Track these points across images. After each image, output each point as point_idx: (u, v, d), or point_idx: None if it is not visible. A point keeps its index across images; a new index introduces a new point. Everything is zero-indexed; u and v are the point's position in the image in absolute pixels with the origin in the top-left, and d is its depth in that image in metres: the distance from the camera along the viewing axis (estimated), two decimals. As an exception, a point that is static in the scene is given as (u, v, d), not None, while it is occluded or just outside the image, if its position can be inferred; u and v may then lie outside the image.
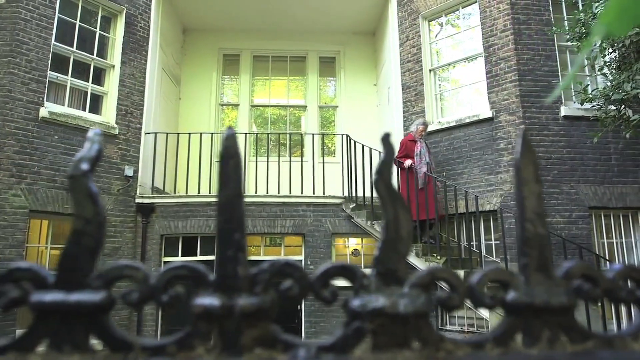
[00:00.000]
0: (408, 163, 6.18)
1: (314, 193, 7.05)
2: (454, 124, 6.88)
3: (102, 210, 0.46)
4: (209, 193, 6.98)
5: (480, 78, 6.87)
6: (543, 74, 6.37)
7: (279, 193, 7.11)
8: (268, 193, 6.98)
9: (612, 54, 5.40)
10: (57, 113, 6.23)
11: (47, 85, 6.27)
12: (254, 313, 0.43)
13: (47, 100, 6.26)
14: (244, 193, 0.57)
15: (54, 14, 6.43)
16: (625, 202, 6.01)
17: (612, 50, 5.35)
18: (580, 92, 5.50)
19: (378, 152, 6.75)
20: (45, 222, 6.19)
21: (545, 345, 0.46)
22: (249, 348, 0.43)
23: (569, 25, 5.92)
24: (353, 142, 6.98)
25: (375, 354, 0.44)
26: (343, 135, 7.57)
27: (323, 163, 7.09)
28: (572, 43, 5.86)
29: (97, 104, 6.98)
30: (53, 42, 6.39)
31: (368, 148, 6.77)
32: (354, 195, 6.80)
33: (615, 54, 5.31)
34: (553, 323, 0.47)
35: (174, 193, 7.20)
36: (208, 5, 8.56)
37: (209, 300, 0.43)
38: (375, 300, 0.44)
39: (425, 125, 6.54)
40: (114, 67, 7.10)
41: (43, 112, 6.09)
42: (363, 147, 6.81)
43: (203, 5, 8.57)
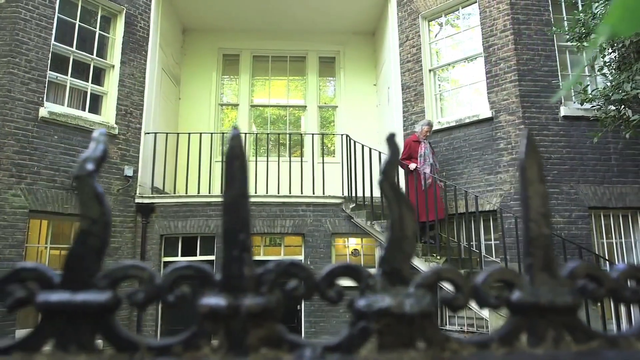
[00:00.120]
0: (413, 166, 6.17)
1: (314, 193, 7.05)
2: (454, 124, 6.88)
3: (108, 211, 0.46)
4: (209, 193, 6.98)
5: (480, 78, 6.87)
6: (543, 74, 6.38)
7: (279, 193, 7.11)
8: (268, 193, 6.98)
9: (612, 54, 5.40)
10: (56, 113, 6.23)
11: (46, 85, 6.26)
12: (260, 313, 0.43)
13: (46, 100, 6.25)
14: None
15: (54, 14, 6.43)
16: (625, 202, 6.01)
17: (612, 51, 5.35)
18: (580, 92, 5.50)
19: (378, 152, 6.76)
20: (45, 222, 6.18)
21: (550, 345, 0.46)
22: (255, 348, 0.43)
23: (569, 26, 5.92)
24: (353, 142, 6.98)
25: (381, 354, 0.44)
26: (343, 135, 7.57)
27: (323, 163, 7.09)
28: (571, 43, 5.86)
29: (96, 104, 6.98)
30: (53, 42, 6.38)
31: (368, 148, 6.77)
32: (354, 195, 6.80)
33: (615, 54, 5.31)
34: (558, 323, 0.47)
35: (174, 193, 7.20)
36: (208, 5, 8.56)
37: (215, 300, 0.43)
38: (381, 300, 0.44)
39: (430, 126, 6.53)
40: (114, 67, 7.09)
41: (43, 112, 6.08)
42: (363, 147, 6.81)
43: (203, 5, 8.57)
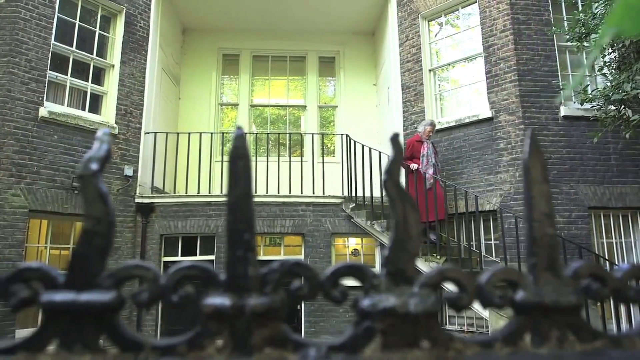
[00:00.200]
0: (414, 166, 6.15)
1: (314, 193, 7.05)
2: (454, 124, 6.88)
3: (112, 210, 0.46)
4: (209, 193, 6.98)
5: (480, 78, 6.87)
6: (543, 74, 6.38)
7: (279, 193, 7.11)
8: (268, 193, 6.98)
9: (611, 54, 5.40)
10: (56, 113, 6.22)
11: (46, 85, 6.26)
12: (265, 313, 0.43)
13: (46, 100, 6.25)
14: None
15: (54, 14, 6.42)
16: (625, 202, 6.02)
17: (612, 51, 5.35)
18: (580, 92, 5.51)
19: (378, 152, 6.76)
20: (45, 221, 6.18)
21: (554, 345, 0.46)
22: (260, 348, 0.43)
23: (569, 26, 5.93)
24: (353, 142, 6.98)
25: (385, 354, 0.44)
26: (343, 135, 7.57)
27: (323, 163, 7.08)
28: (571, 43, 5.86)
29: (96, 104, 6.97)
30: (52, 41, 6.38)
31: (368, 148, 6.77)
32: (354, 195, 6.79)
33: (615, 54, 5.31)
34: (562, 322, 0.47)
35: (174, 193, 7.20)
36: (208, 5, 8.56)
37: (220, 300, 0.43)
38: (386, 300, 0.44)
39: (433, 126, 6.49)
40: (114, 66, 7.09)
41: (42, 111, 6.08)
42: (363, 147, 6.81)
43: (203, 5, 8.57)
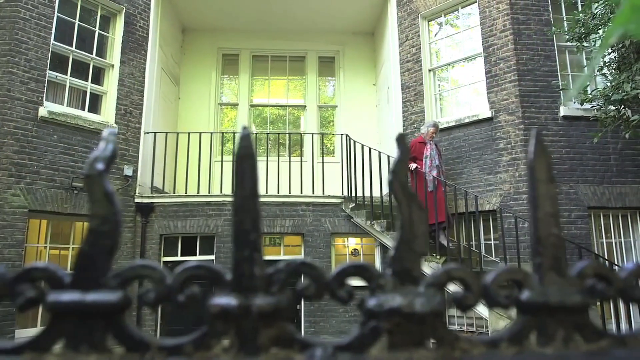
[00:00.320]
0: (413, 166, 6.14)
1: (314, 193, 7.05)
2: (454, 124, 6.88)
3: (118, 210, 0.46)
4: (208, 193, 6.97)
5: (480, 78, 6.88)
6: (542, 74, 6.38)
7: (279, 193, 7.11)
8: (267, 193, 6.98)
9: (611, 54, 5.41)
10: (56, 112, 6.22)
11: (46, 85, 6.25)
12: (271, 313, 0.43)
13: (46, 100, 6.24)
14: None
15: (53, 13, 6.42)
16: (624, 202, 6.02)
17: (611, 51, 5.36)
18: (580, 92, 5.51)
19: (377, 152, 6.76)
20: (45, 221, 6.17)
21: (560, 345, 0.46)
22: (266, 348, 0.43)
23: (569, 26, 5.93)
24: (352, 141, 6.98)
25: (392, 353, 0.44)
26: (342, 135, 7.57)
27: (322, 163, 7.08)
28: (571, 43, 5.87)
29: (96, 104, 6.97)
30: (52, 41, 6.37)
31: (367, 148, 6.78)
32: (354, 195, 6.80)
33: (615, 55, 5.32)
34: (567, 322, 0.47)
35: (173, 193, 7.19)
36: (207, 5, 8.55)
37: (226, 300, 0.43)
38: (392, 300, 0.44)
39: (436, 127, 6.47)
40: (113, 66, 7.09)
41: (42, 111, 6.07)
42: (362, 146, 6.81)
43: (202, 5, 8.56)
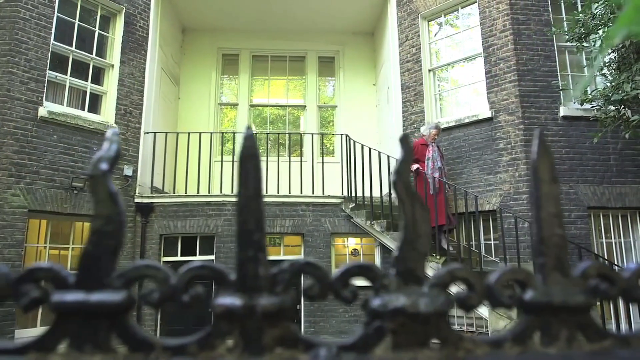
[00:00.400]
0: (414, 167, 6.12)
1: (313, 193, 7.05)
2: (453, 124, 6.88)
3: (122, 210, 0.46)
4: (208, 193, 6.97)
5: (480, 78, 6.88)
6: (542, 74, 6.39)
7: (278, 193, 7.11)
8: (267, 193, 6.97)
9: (611, 55, 5.41)
10: (56, 112, 6.21)
11: (46, 85, 6.25)
12: (276, 313, 0.43)
13: (46, 100, 6.24)
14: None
15: (53, 13, 6.42)
16: (624, 202, 6.03)
17: (611, 51, 5.36)
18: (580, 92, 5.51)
19: (377, 152, 6.76)
20: (44, 221, 6.17)
21: (563, 345, 0.47)
22: (270, 348, 0.43)
23: (568, 26, 5.93)
24: (352, 141, 6.98)
25: (396, 353, 0.44)
26: (342, 135, 7.57)
27: (322, 163, 7.09)
28: (571, 44, 5.87)
29: (96, 104, 6.97)
30: (52, 41, 6.37)
31: (367, 148, 6.77)
32: (353, 195, 6.80)
33: (615, 55, 5.32)
34: (571, 322, 0.47)
35: (173, 193, 7.19)
36: (207, 5, 8.55)
37: (231, 300, 0.43)
38: (396, 300, 0.44)
39: (438, 129, 6.44)
40: (113, 66, 7.08)
41: (42, 111, 6.07)
42: (362, 147, 6.81)
43: (202, 5, 8.56)
